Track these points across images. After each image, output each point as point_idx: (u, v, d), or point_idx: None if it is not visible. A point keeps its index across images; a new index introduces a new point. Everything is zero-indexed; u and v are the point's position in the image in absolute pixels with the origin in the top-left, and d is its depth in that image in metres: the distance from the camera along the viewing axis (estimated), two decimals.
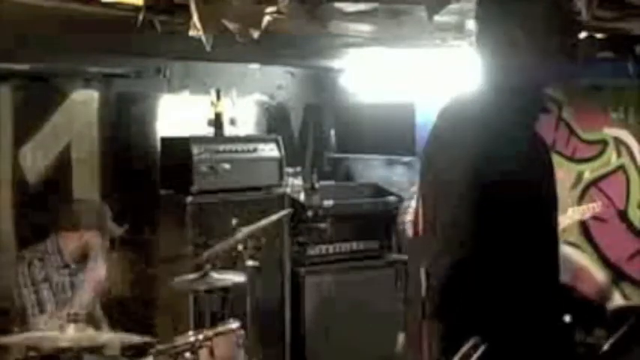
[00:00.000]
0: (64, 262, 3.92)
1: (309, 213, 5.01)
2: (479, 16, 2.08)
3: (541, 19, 1.97)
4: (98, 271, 3.92)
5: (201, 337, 3.44)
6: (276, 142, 4.98)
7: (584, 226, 4.46)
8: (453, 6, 2.80)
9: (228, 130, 5.02)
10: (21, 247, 4.36)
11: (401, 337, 3.99)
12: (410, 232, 4.22)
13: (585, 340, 2.19)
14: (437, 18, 2.76)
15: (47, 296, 3.78)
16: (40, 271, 3.81)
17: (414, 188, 4.17)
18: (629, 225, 4.31)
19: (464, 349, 1.83)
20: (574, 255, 2.24)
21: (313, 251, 5.06)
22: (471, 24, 3.48)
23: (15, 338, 3.29)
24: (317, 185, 5.17)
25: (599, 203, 4.40)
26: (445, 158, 1.94)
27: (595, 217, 4.40)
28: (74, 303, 3.76)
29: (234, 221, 3.82)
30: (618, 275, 4.25)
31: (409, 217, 4.28)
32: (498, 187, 1.85)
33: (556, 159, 2.51)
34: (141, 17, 2.99)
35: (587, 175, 4.45)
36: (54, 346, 2.97)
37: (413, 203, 4.23)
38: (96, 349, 3.23)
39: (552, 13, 1.98)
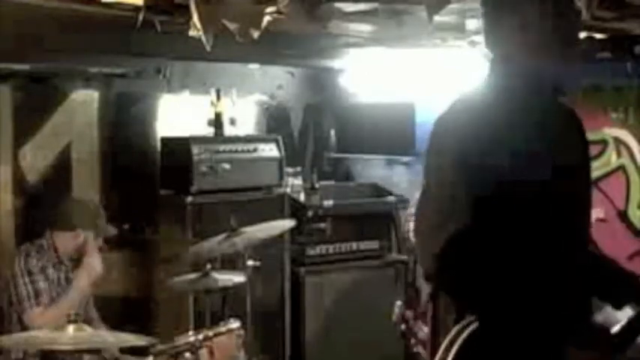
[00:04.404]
0: (60, 259, 3.93)
1: (309, 213, 5.01)
2: (484, 19, 2.10)
3: (541, 18, 1.98)
4: (93, 266, 3.91)
5: (201, 337, 3.44)
6: (276, 142, 4.98)
7: None
8: (453, 6, 2.80)
9: (228, 130, 5.02)
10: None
11: (397, 305, 3.99)
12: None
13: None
14: (437, 18, 2.76)
15: (43, 287, 3.78)
16: (37, 262, 3.83)
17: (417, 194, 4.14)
18: (629, 225, 4.31)
19: (457, 326, 1.89)
20: None
21: (313, 251, 5.06)
22: (470, 24, 3.49)
23: (14, 339, 3.28)
24: (317, 185, 5.17)
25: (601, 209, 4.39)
26: (441, 146, 2.01)
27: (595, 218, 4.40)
28: (68, 297, 3.77)
29: (234, 221, 3.82)
30: None
31: (412, 225, 4.26)
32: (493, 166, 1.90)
33: None
34: (141, 17, 3.00)
35: None
36: (53, 347, 2.96)
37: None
38: (95, 350, 3.22)
39: (552, 11, 2.00)
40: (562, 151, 2.08)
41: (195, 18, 2.91)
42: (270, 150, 4.93)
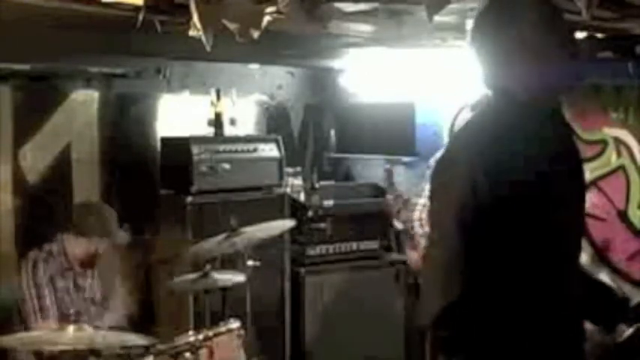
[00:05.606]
0: (69, 264, 3.89)
1: (309, 213, 5.01)
2: (474, 39, 2.06)
3: (534, 25, 1.97)
4: (118, 313, 3.92)
5: (201, 337, 3.44)
6: (276, 142, 4.98)
7: None
8: (453, 6, 2.80)
9: (228, 130, 5.02)
10: (21, 247, 4.36)
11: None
12: (419, 229, 4.22)
13: (606, 341, 2.18)
14: (437, 18, 2.75)
15: (50, 302, 3.75)
16: (44, 273, 3.78)
17: (423, 185, 4.13)
18: (629, 225, 4.31)
19: None
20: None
21: (313, 251, 5.06)
22: (470, 24, 3.48)
23: (15, 338, 3.28)
24: (317, 185, 5.17)
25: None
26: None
27: (595, 217, 4.39)
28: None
29: (234, 221, 3.82)
30: (618, 275, 4.26)
31: (417, 214, 4.25)
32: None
33: None
34: (141, 17, 2.99)
35: (587, 175, 4.43)
36: (54, 347, 2.96)
37: (421, 200, 4.21)
38: (96, 350, 3.22)
39: (544, 16, 1.98)
40: (565, 182, 2.05)
41: (195, 18, 2.91)
42: (270, 150, 4.93)
